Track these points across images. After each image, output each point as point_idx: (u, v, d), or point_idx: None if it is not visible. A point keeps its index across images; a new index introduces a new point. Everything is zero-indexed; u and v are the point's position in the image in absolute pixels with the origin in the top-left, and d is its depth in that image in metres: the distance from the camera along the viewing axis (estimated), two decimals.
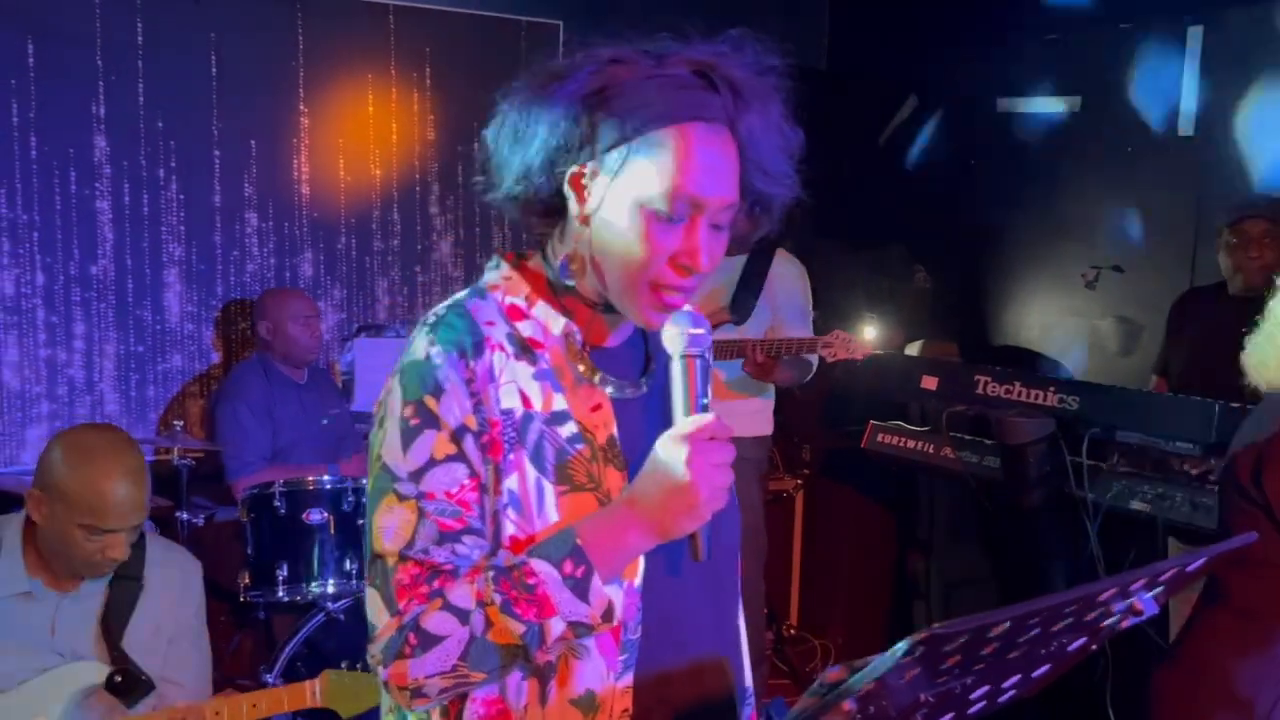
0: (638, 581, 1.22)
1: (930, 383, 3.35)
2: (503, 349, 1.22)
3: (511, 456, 1.20)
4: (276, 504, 3.12)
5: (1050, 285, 4.30)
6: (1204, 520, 2.71)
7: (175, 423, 3.40)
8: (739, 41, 1.24)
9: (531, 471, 1.20)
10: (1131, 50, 3.97)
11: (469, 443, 1.19)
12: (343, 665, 2.63)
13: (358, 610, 3.05)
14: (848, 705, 0.89)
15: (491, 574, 1.15)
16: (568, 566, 1.14)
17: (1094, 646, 1.21)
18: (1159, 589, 1.12)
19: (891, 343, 4.29)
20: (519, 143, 1.23)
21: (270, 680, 2.96)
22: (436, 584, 1.16)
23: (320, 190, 4.23)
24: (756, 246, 3.76)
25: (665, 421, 1.22)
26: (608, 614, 1.17)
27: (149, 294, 3.97)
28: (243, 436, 3.58)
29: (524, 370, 1.23)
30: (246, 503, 3.18)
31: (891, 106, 4.80)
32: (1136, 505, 2.87)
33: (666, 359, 1.27)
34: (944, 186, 4.62)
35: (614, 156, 1.19)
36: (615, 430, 1.25)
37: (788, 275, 3.76)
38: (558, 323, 1.26)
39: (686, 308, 1.24)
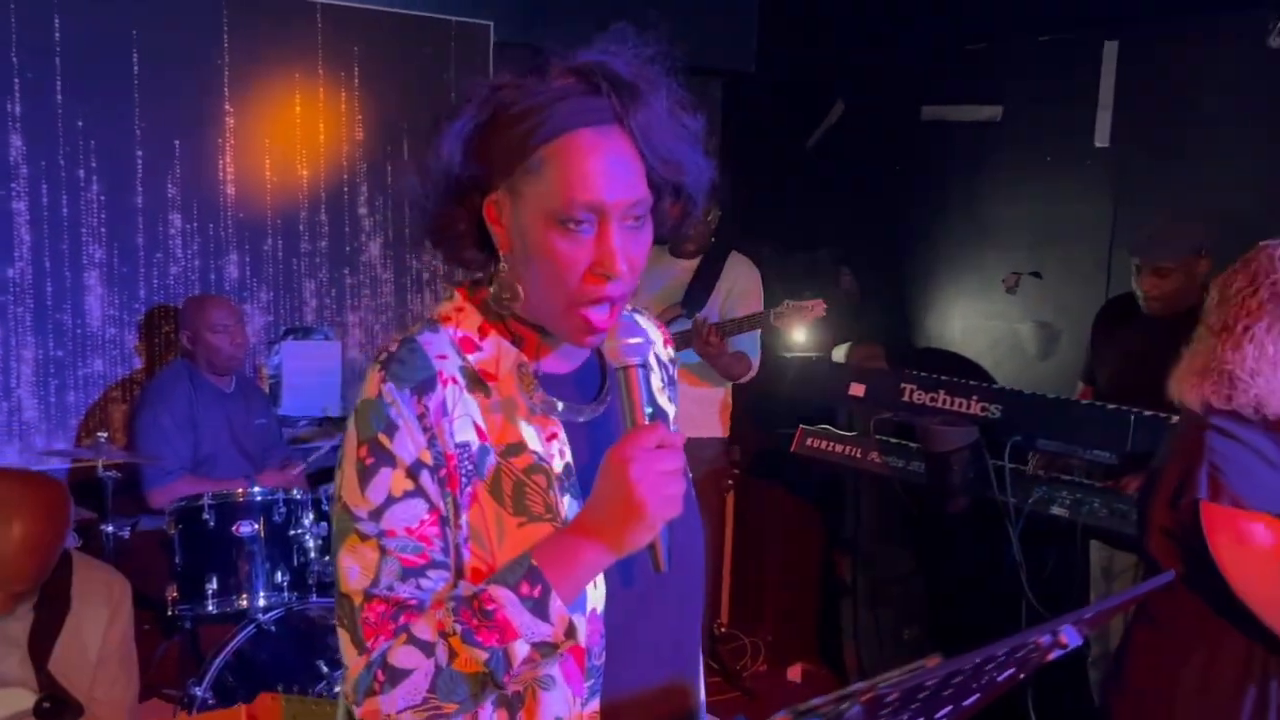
0: (600, 607, 1.23)
1: (858, 389, 3.43)
2: (455, 382, 1.23)
3: (469, 489, 1.21)
4: (206, 516, 3.08)
5: (973, 290, 4.41)
6: (1120, 525, 2.81)
7: (100, 434, 3.32)
8: (620, 37, 1.23)
9: (490, 504, 1.21)
10: (1050, 62, 4.09)
11: (426, 477, 1.20)
12: (278, 687, 2.61)
13: (289, 621, 3.03)
14: None
15: (452, 605, 1.16)
16: (525, 588, 1.15)
17: (1021, 675, 1.26)
18: (1084, 625, 1.18)
19: (819, 345, 4.37)
20: (432, 186, 1.25)
21: (198, 693, 2.93)
22: (402, 620, 1.17)
23: (246, 191, 4.16)
24: (712, 249, 3.82)
25: (609, 439, 1.22)
26: (570, 631, 1.16)
27: (69, 297, 3.87)
28: (163, 445, 3.51)
29: (477, 403, 1.23)
30: (174, 515, 3.13)
31: (819, 111, 4.87)
32: (1056, 510, 2.97)
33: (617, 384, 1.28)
34: (870, 191, 4.71)
35: (514, 181, 1.20)
36: (570, 458, 1.26)
37: (740, 273, 3.85)
38: (510, 354, 1.27)
39: (636, 318, 1.24)
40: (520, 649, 1.14)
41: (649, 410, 1.20)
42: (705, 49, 4.81)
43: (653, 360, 1.42)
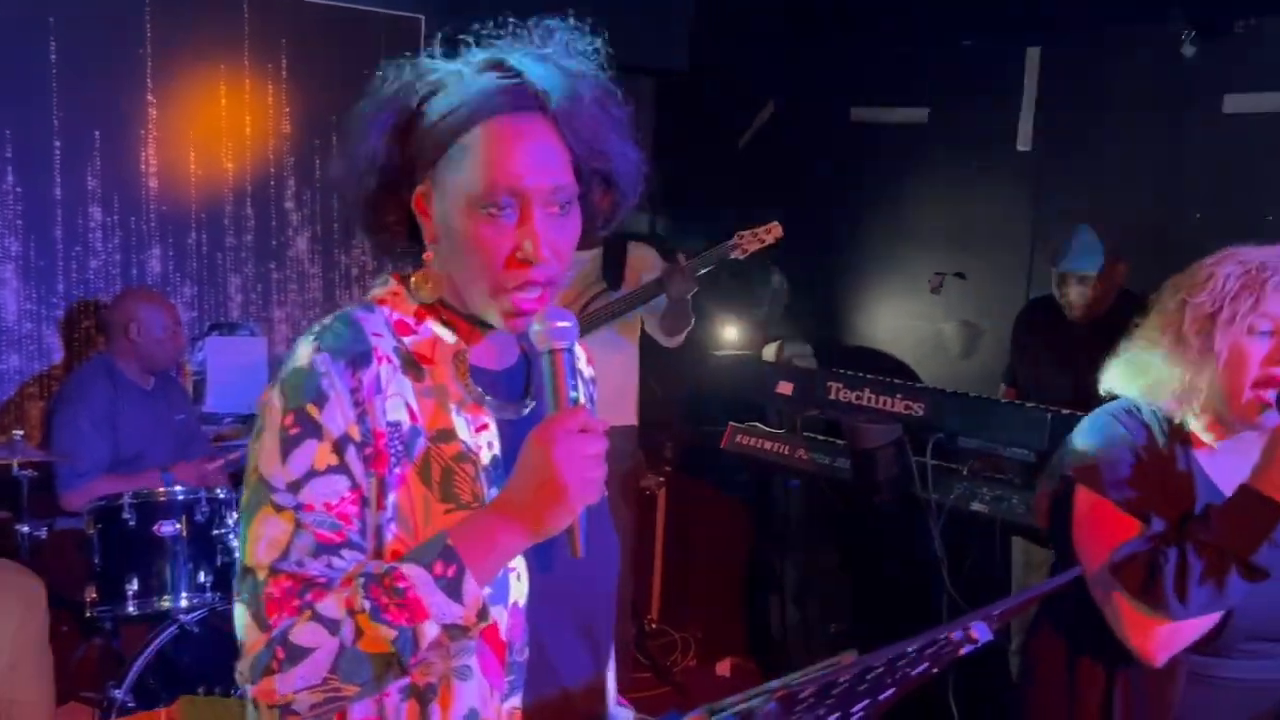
0: (523, 600, 1.22)
1: (786, 388, 3.46)
2: (390, 361, 1.22)
3: (397, 470, 1.19)
4: (126, 516, 3.02)
5: (899, 289, 4.49)
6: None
7: (15, 432, 3.24)
8: (546, 30, 1.25)
9: (418, 487, 1.20)
10: (975, 67, 4.17)
11: (351, 454, 1.17)
12: (200, 690, 2.57)
13: (212, 622, 2.98)
14: None
15: (361, 581, 1.13)
16: (439, 567, 1.12)
17: (935, 670, 1.29)
18: (994, 620, 1.21)
19: (749, 344, 4.41)
20: (356, 178, 1.25)
21: (119, 696, 2.87)
22: (309, 597, 1.13)
23: (169, 183, 4.08)
24: (610, 240, 3.80)
25: None
26: (482, 614, 1.14)
27: None
28: (80, 445, 3.39)
29: (410, 385, 1.22)
30: (93, 514, 3.06)
31: (751, 111, 4.91)
32: (977, 506, 3.03)
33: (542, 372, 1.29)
34: (800, 191, 4.76)
35: (438, 170, 1.21)
36: (499, 451, 1.25)
37: (646, 256, 3.85)
38: (446, 340, 1.27)
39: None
40: (429, 630, 1.12)
41: (574, 395, 1.19)
42: (638, 48, 4.82)
43: (570, 368, 1.39)
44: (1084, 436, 1.79)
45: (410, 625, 1.11)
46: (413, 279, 1.28)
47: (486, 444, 1.25)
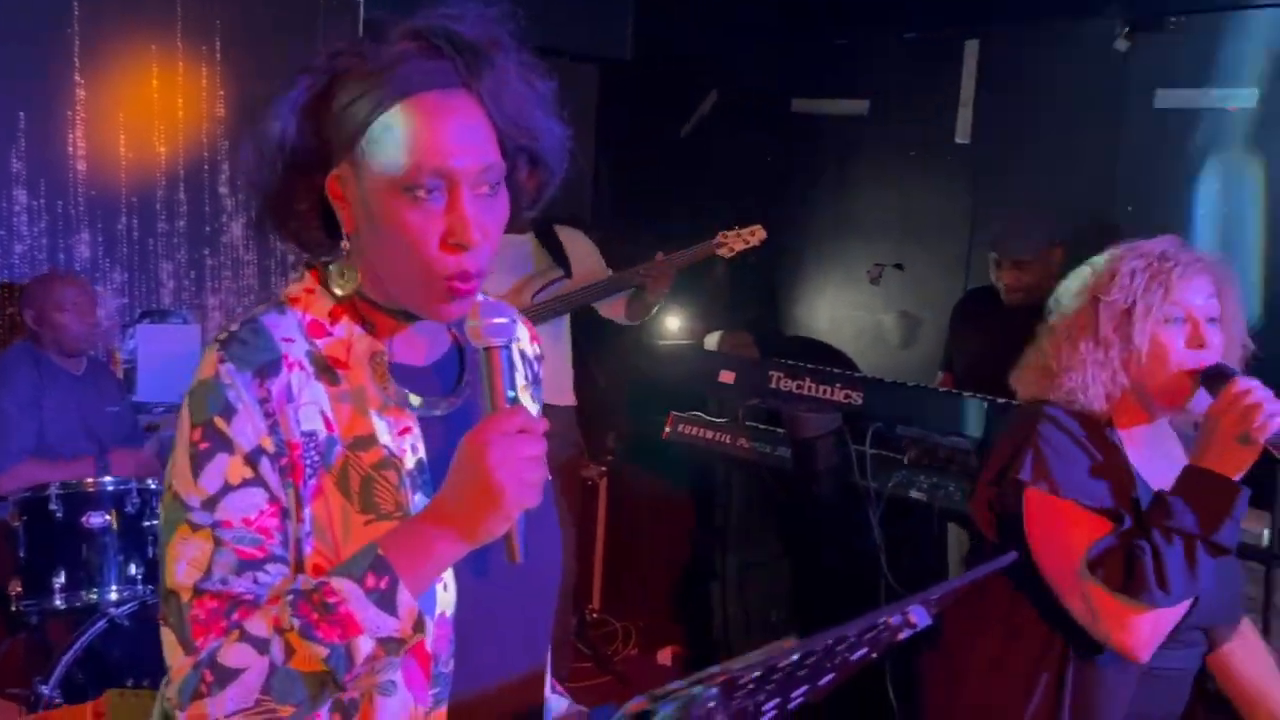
0: (450, 611, 1.18)
1: (728, 377, 3.47)
2: (302, 367, 1.16)
3: (314, 481, 1.14)
4: (52, 507, 2.95)
5: (839, 280, 4.52)
6: None
7: None
8: (462, 5, 1.18)
9: (336, 498, 1.15)
10: (914, 59, 4.21)
11: (266, 466, 1.12)
12: (129, 683, 2.52)
13: (144, 615, 2.92)
14: None
15: (290, 598, 1.08)
16: (370, 579, 1.08)
17: (874, 655, 1.30)
18: (932, 605, 1.22)
19: (692, 333, 4.41)
20: (267, 163, 1.17)
21: (46, 692, 2.80)
22: (235, 616, 1.09)
23: (99, 167, 3.98)
24: (539, 224, 3.78)
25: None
26: (419, 625, 1.10)
27: None
28: (6, 426, 3.32)
29: (325, 391, 1.17)
30: (19, 505, 2.98)
31: (694, 100, 4.91)
32: (915, 494, 3.07)
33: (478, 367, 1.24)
34: (742, 181, 4.77)
35: (356, 152, 1.14)
36: (424, 454, 1.20)
37: (578, 240, 3.86)
38: (363, 341, 1.20)
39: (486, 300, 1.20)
40: (364, 645, 1.07)
41: (511, 394, 1.14)
42: (582, 36, 4.80)
43: (516, 357, 1.37)
44: (1021, 438, 1.78)
45: (343, 641, 1.07)
46: (330, 270, 1.21)
47: (410, 448, 1.19)
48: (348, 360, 1.19)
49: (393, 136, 1.12)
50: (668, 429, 3.76)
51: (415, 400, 1.22)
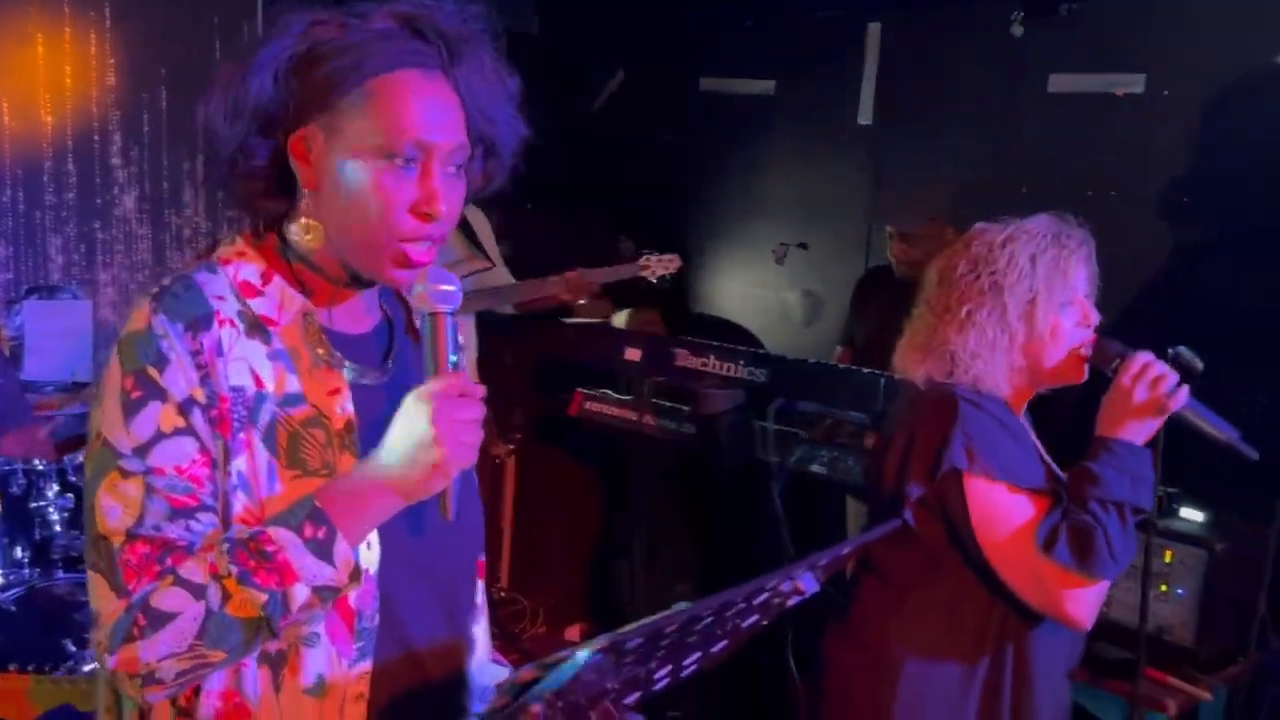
0: (374, 568, 1.21)
1: (634, 354, 3.48)
2: (233, 324, 1.18)
3: (241, 435, 1.16)
4: None
5: (745, 259, 4.56)
6: None
7: None
8: None
9: (263, 453, 1.17)
10: (819, 40, 4.26)
11: (197, 416, 1.14)
12: (11, 667, 2.43)
13: (32, 600, 2.82)
14: (536, 709, 0.94)
15: (226, 546, 1.11)
16: (308, 529, 1.11)
17: (765, 622, 1.32)
18: (819, 571, 1.25)
19: (600, 311, 4.41)
20: (234, 118, 1.19)
21: None
22: (169, 561, 1.11)
23: None
24: None
25: (397, 401, 1.21)
26: (355, 574, 1.14)
27: None
28: None
29: (256, 349, 1.19)
30: None
31: (602, 77, 4.89)
32: (816, 468, 3.12)
33: (409, 342, 1.30)
34: (651, 158, 4.78)
35: (334, 114, 1.17)
36: (353, 415, 1.23)
37: (480, 220, 3.84)
38: (294, 301, 1.23)
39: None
40: (300, 592, 1.11)
41: (454, 359, 1.18)
42: (488, 7, 4.74)
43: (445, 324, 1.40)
44: (946, 426, 1.77)
45: (280, 588, 1.10)
46: (294, 227, 1.23)
47: (340, 408, 1.22)
48: (279, 320, 1.22)
49: (376, 105, 1.16)
50: (574, 407, 3.76)
51: (347, 365, 1.24)
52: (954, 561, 1.80)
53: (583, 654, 0.90)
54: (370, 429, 1.21)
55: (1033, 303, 1.77)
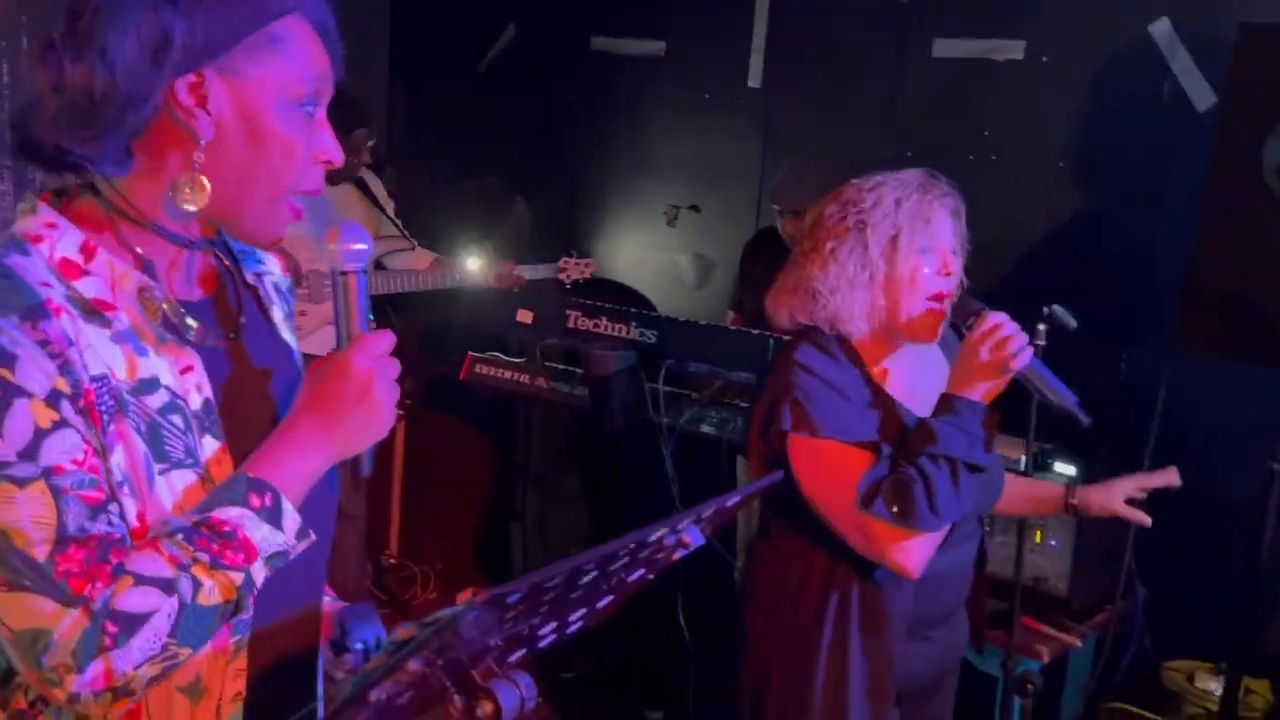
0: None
1: (526, 316, 3.46)
2: (68, 312, 1.05)
3: (112, 427, 1.05)
4: None
5: (638, 221, 4.55)
6: None
7: None
8: None
9: (139, 445, 1.07)
10: (709, 2, 4.25)
11: (67, 408, 1.02)
12: None
13: None
14: (414, 666, 0.92)
15: (179, 535, 1.04)
16: (255, 500, 1.08)
17: (651, 576, 1.32)
18: (704, 524, 1.25)
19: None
20: (102, 62, 1.04)
21: None
22: (114, 559, 1.02)
23: None
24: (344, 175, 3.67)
25: (262, 371, 1.20)
26: (301, 534, 1.12)
27: None
28: None
29: (98, 334, 1.06)
30: None
31: (491, 34, 4.81)
32: (705, 428, 3.15)
33: (250, 302, 1.25)
34: (542, 118, 4.72)
35: (233, 58, 1.07)
36: (209, 393, 1.14)
37: (377, 183, 3.77)
38: (129, 275, 1.10)
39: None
40: (259, 569, 1.09)
41: (371, 318, 1.18)
42: None
43: (272, 291, 1.33)
44: (779, 388, 1.83)
45: (247, 565, 1.07)
46: (176, 184, 1.09)
47: (195, 387, 1.13)
48: (115, 300, 1.09)
49: (289, 50, 1.10)
50: (465, 370, 3.72)
51: (192, 329, 1.15)
52: (799, 513, 1.86)
53: (461, 609, 0.88)
54: (228, 402, 1.14)
55: (894, 240, 1.81)
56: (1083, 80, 3.40)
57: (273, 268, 1.35)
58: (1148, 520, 2.03)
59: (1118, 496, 2.04)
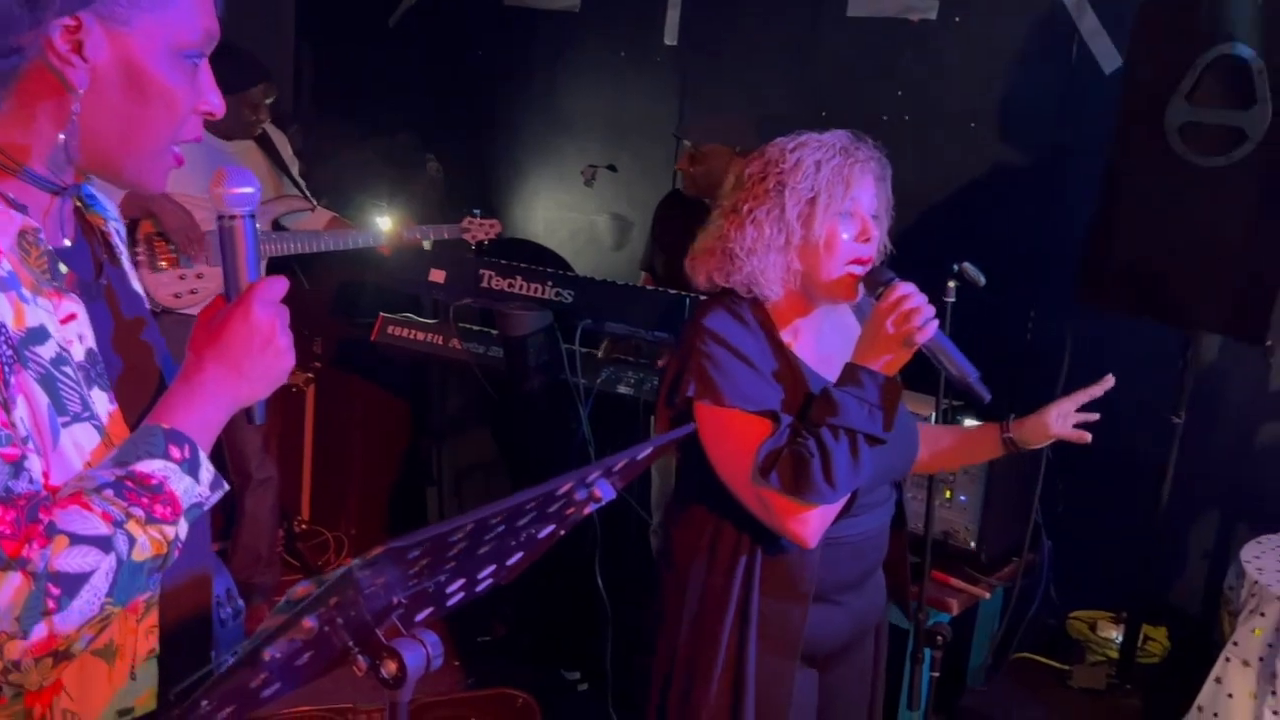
0: None
1: (438, 275, 3.39)
2: None
3: (14, 380, 1.01)
4: None
5: (554, 181, 4.50)
6: None
7: None
8: None
9: (41, 397, 1.03)
10: None
11: None
12: None
13: None
14: (308, 622, 0.89)
15: (108, 491, 1.01)
16: (175, 452, 1.06)
17: (562, 532, 1.30)
18: (615, 477, 1.23)
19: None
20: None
21: None
22: (44, 517, 0.98)
23: None
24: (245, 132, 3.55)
25: (134, 320, 1.17)
26: (216, 483, 1.11)
27: None
28: None
29: None
30: None
31: None
32: (622, 389, 3.13)
33: (108, 249, 1.22)
34: (455, 76, 4.63)
35: (116, 4, 1.04)
36: (93, 343, 1.11)
37: (283, 140, 3.66)
38: (10, 219, 1.07)
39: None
40: (183, 522, 1.07)
41: (261, 265, 1.16)
42: None
43: (117, 241, 1.29)
44: (686, 356, 1.82)
45: (176, 519, 1.06)
46: (63, 138, 1.07)
47: (77, 337, 1.09)
48: None
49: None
50: (376, 332, 3.64)
51: (64, 276, 1.11)
52: (709, 477, 1.86)
53: (357, 564, 0.85)
54: (105, 350, 1.12)
55: (812, 203, 1.78)
56: (994, 42, 3.44)
57: (116, 214, 1.31)
58: (1088, 437, 2.03)
59: (1053, 420, 2.04)
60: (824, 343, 1.91)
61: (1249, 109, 2.45)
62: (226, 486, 1.14)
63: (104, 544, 1.00)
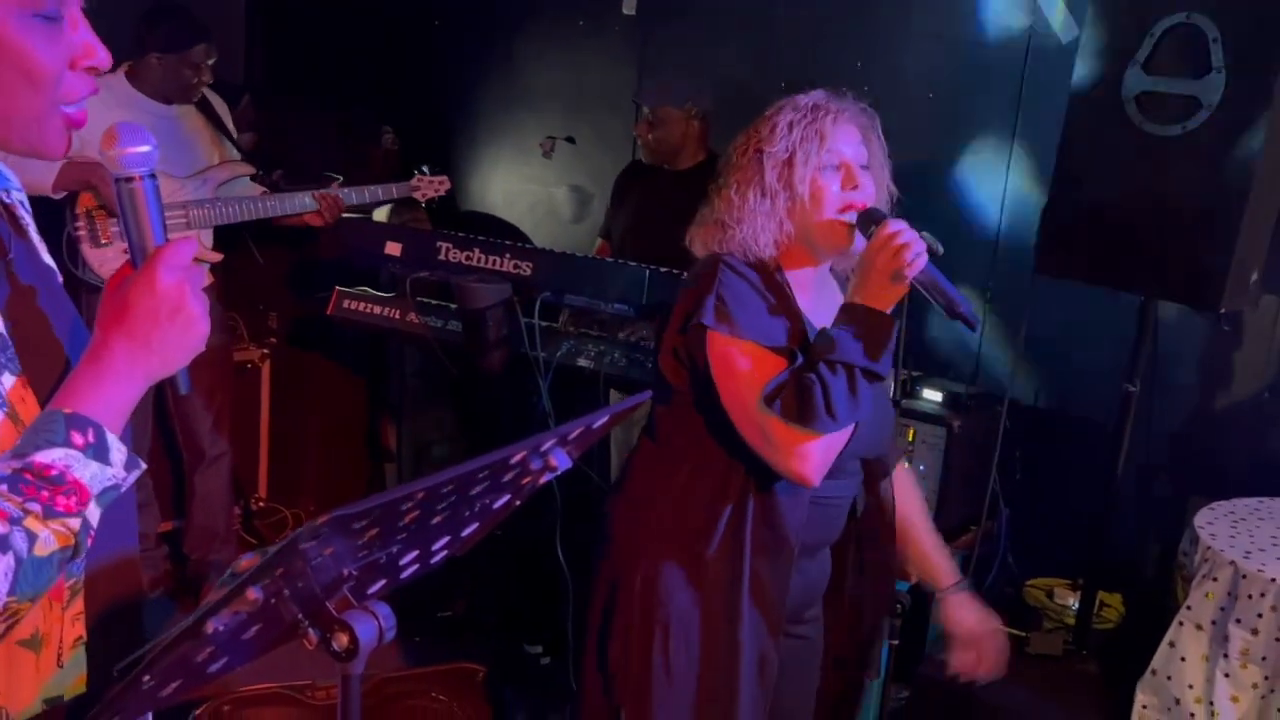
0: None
1: (394, 249, 3.34)
2: None
3: None
4: None
5: (512, 153, 4.45)
6: (638, 374, 3.00)
7: None
8: None
9: None
10: None
11: None
12: None
13: None
14: (252, 593, 0.86)
15: (3, 487, 0.96)
16: (77, 438, 0.99)
17: (518, 502, 1.28)
18: (570, 446, 1.21)
19: (360, 207, 4.21)
20: None
21: None
22: None
23: None
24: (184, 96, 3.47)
25: (41, 297, 1.10)
26: (130, 463, 1.04)
27: None
28: None
29: None
30: None
31: None
32: (582, 362, 3.10)
33: (12, 223, 1.15)
34: (411, 46, 4.56)
35: None
36: (3, 327, 1.05)
37: (223, 106, 3.58)
38: None
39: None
40: (93, 509, 1.01)
41: (209, 234, 1.06)
42: None
43: (22, 213, 1.23)
44: (704, 285, 1.84)
45: (81, 508, 0.99)
46: None
47: None
48: None
49: None
50: (332, 306, 3.59)
51: None
52: (704, 414, 1.87)
53: (301, 532, 0.82)
54: (17, 332, 1.06)
55: (789, 163, 1.82)
56: (952, 11, 3.43)
57: (18, 184, 1.24)
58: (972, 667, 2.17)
59: (960, 640, 2.17)
60: (824, 297, 1.95)
61: (1203, 77, 2.46)
62: (143, 465, 1.08)
63: (1, 545, 0.95)
